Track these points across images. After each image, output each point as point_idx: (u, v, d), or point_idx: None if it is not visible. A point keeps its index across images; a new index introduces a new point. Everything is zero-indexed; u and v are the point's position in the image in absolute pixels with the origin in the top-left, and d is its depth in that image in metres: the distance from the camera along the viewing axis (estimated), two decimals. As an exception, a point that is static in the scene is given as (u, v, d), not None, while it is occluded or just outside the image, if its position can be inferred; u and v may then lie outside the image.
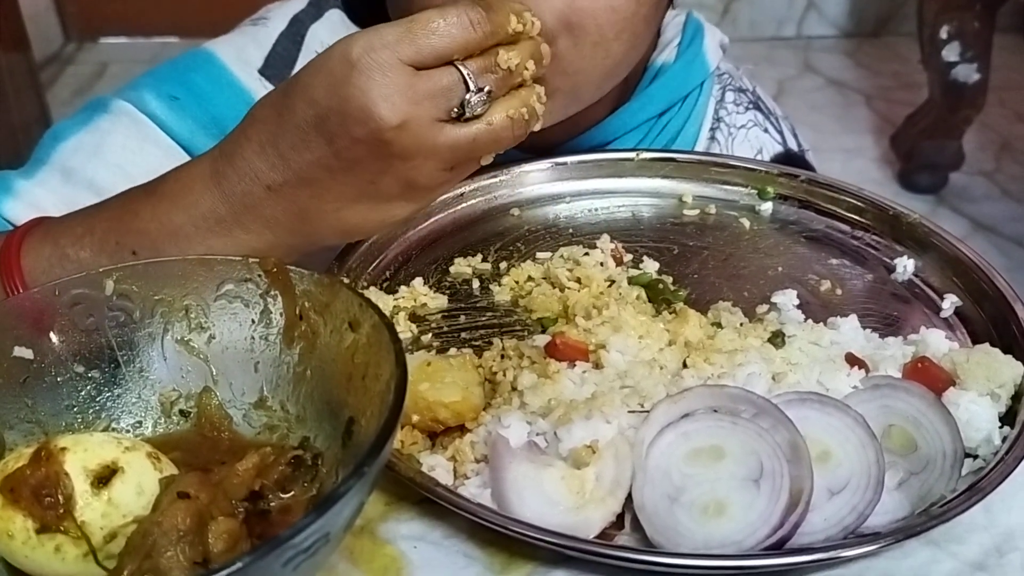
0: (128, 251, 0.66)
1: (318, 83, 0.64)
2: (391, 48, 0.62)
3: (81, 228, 0.69)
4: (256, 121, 0.66)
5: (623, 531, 0.59)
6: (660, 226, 0.86)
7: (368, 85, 0.62)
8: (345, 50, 0.63)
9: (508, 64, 0.66)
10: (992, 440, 0.63)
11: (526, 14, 0.67)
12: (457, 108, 0.65)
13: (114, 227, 0.68)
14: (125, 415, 0.60)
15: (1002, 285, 0.75)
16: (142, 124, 0.86)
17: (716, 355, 0.67)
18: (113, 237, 0.67)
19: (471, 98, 0.65)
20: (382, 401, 0.51)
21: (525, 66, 0.67)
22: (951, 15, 2.77)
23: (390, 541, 0.59)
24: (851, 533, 0.58)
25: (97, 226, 0.68)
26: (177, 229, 0.66)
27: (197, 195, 0.66)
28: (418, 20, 0.63)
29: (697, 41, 0.98)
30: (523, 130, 0.69)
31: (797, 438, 0.58)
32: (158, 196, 0.68)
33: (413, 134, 0.63)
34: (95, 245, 0.67)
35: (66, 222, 0.71)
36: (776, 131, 1.03)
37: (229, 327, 0.60)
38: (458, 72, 0.64)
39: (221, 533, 0.49)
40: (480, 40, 0.64)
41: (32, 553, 0.50)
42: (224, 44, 0.92)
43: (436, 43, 0.63)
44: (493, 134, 0.66)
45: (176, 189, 0.68)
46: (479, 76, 0.65)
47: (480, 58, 0.65)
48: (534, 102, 0.68)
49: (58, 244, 0.68)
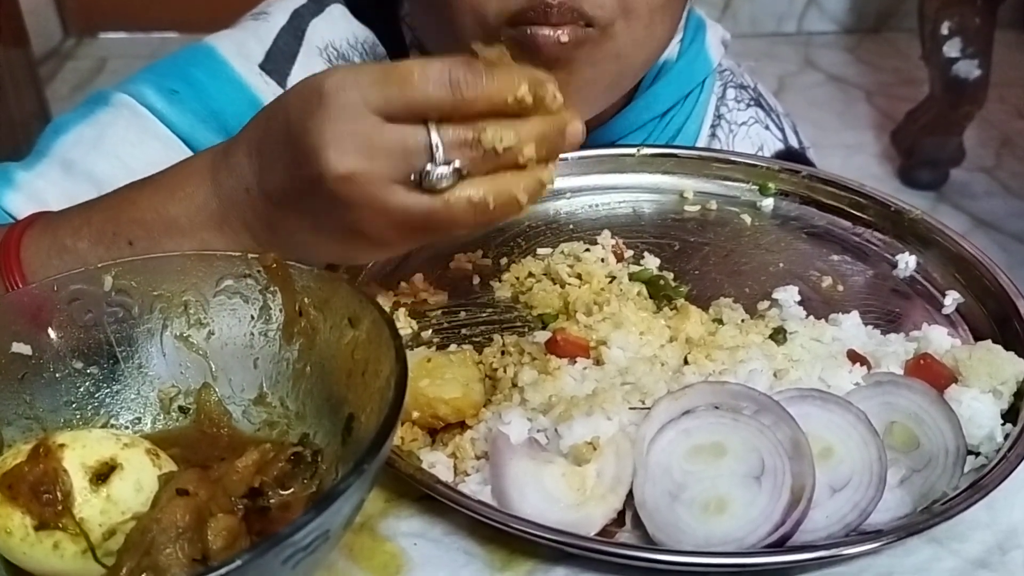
0: (124, 241, 0.66)
1: (293, 105, 0.60)
2: (360, 90, 0.57)
3: (79, 219, 0.69)
4: (254, 122, 0.65)
5: (624, 528, 0.59)
6: (661, 222, 0.86)
7: (324, 126, 0.57)
8: (322, 80, 0.58)
9: (492, 144, 0.57)
10: (994, 437, 0.63)
11: (548, 86, 0.58)
12: (415, 175, 0.57)
13: (111, 217, 0.68)
14: (124, 411, 0.60)
15: (1004, 281, 0.75)
16: (142, 117, 0.85)
17: (717, 352, 0.67)
18: (110, 227, 0.67)
19: (433, 170, 0.57)
20: (382, 398, 0.50)
21: (523, 150, 0.58)
22: (952, 11, 2.76)
23: (390, 538, 0.59)
24: (853, 531, 0.57)
25: (95, 216, 0.68)
26: (172, 220, 0.66)
27: (193, 187, 0.66)
28: (399, 66, 0.57)
29: (699, 38, 0.97)
30: (490, 219, 0.60)
31: (799, 435, 0.58)
32: (156, 186, 0.68)
33: (360, 188, 0.58)
34: (92, 236, 0.67)
35: (65, 214, 0.70)
36: (777, 128, 1.03)
37: (228, 323, 0.60)
38: (427, 136, 0.57)
39: (220, 530, 0.48)
40: (460, 105, 0.57)
41: (31, 550, 0.50)
42: (225, 39, 0.91)
43: (408, 96, 0.56)
44: (449, 215, 0.58)
45: (175, 180, 0.67)
46: (451, 148, 0.57)
47: (461, 127, 0.57)
48: (521, 192, 0.59)
49: (56, 236, 0.68)
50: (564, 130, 0.60)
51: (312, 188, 0.59)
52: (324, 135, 0.57)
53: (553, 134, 0.60)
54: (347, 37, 0.92)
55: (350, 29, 0.92)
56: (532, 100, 0.58)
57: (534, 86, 0.58)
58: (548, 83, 0.58)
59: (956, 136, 2.93)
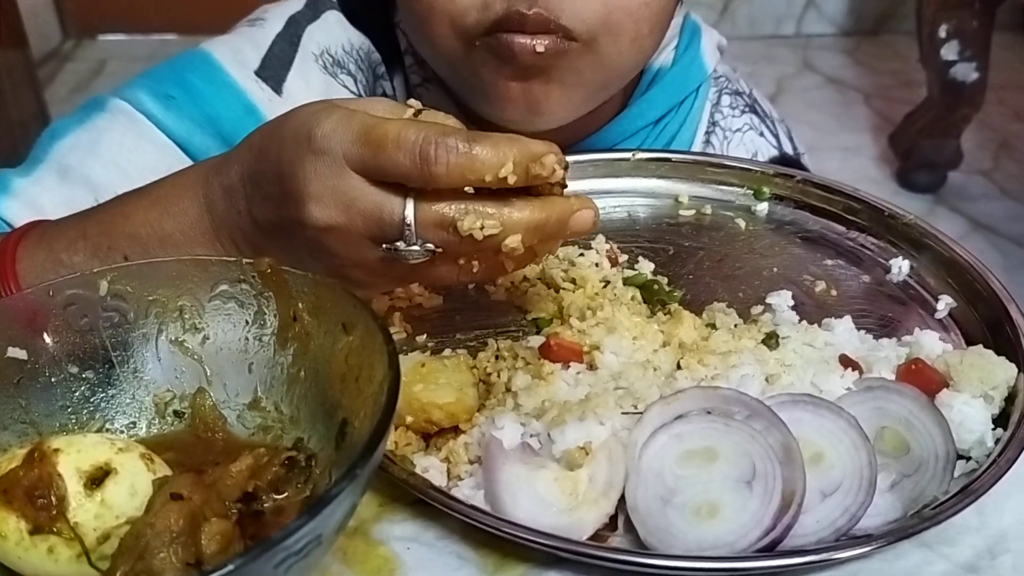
0: (120, 255, 0.67)
1: (287, 143, 0.59)
2: (343, 146, 0.56)
3: (74, 232, 0.69)
4: (248, 143, 0.65)
5: (616, 533, 0.59)
6: (656, 226, 0.86)
7: (309, 177, 0.57)
8: (314, 125, 0.57)
9: (470, 231, 0.54)
10: (985, 442, 0.63)
11: (547, 160, 0.54)
12: (388, 245, 0.56)
13: (106, 231, 0.68)
14: (119, 416, 0.60)
15: (997, 287, 0.75)
16: (138, 122, 0.86)
17: (710, 356, 0.67)
18: (105, 241, 0.67)
19: (403, 248, 0.56)
20: (375, 402, 0.51)
21: (506, 240, 0.55)
22: (950, 13, 2.77)
23: (383, 542, 0.59)
24: (843, 535, 0.58)
25: (90, 230, 0.69)
26: (167, 236, 0.66)
27: (187, 203, 0.66)
28: (378, 128, 0.55)
29: (695, 44, 0.97)
30: (475, 280, 0.58)
31: (790, 440, 0.58)
32: (151, 200, 0.68)
33: (340, 241, 0.58)
34: (88, 249, 0.67)
35: (61, 226, 0.71)
36: (772, 134, 1.03)
37: (223, 328, 0.60)
38: (401, 211, 0.55)
39: (214, 534, 0.49)
40: (428, 180, 0.54)
41: (25, 554, 0.50)
42: (221, 45, 0.92)
43: (380, 161, 0.55)
44: (433, 272, 0.58)
45: (169, 195, 0.68)
46: (424, 228, 0.55)
47: (439, 205, 0.55)
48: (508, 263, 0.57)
49: (52, 249, 0.68)
50: (567, 220, 0.57)
51: (296, 230, 0.60)
52: (309, 186, 0.57)
53: (552, 223, 0.56)
54: (342, 43, 0.92)
55: (345, 35, 0.92)
56: (524, 179, 0.53)
57: (526, 163, 0.54)
58: (547, 157, 0.54)
59: (954, 139, 2.93)
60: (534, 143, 0.55)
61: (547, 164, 0.54)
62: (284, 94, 0.89)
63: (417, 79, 0.92)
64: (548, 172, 0.54)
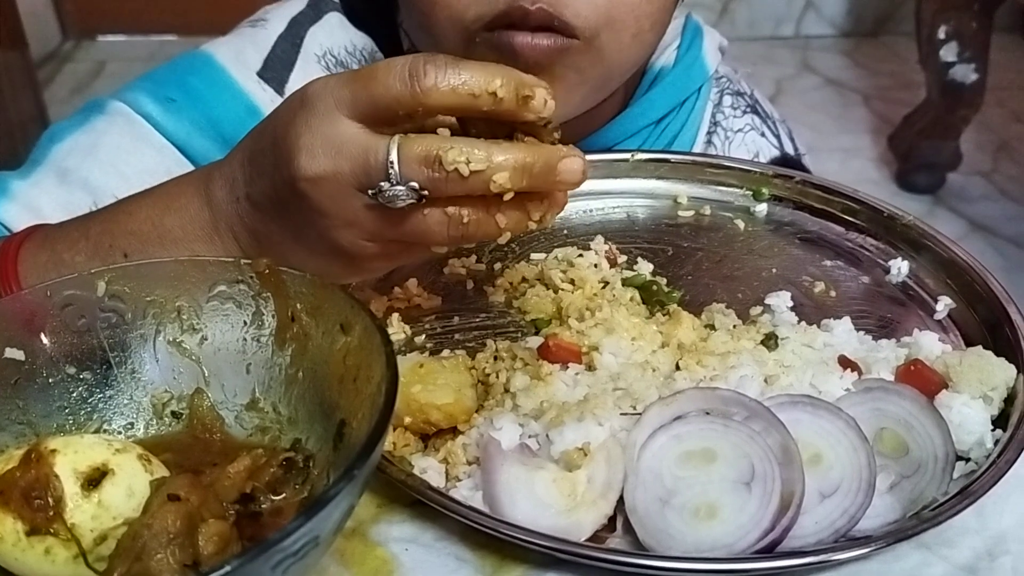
0: (120, 253, 0.66)
1: (281, 113, 0.60)
2: (333, 93, 0.55)
3: (77, 232, 0.69)
4: (250, 133, 0.65)
5: (615, 534, 0.59)
6: (654, 227, 0.86)
7: (300, 130, 0.57)
8: (307, 86, 0.58)
9: (455, 164, 0.52)
10: (984, 443, 0.63)
11: (539, 90, 0.53)
12: (372, 191, 0.55)
13: (108, 229, 0.68)
14: (117, 416, 0.60)
15: (996, 287, 0.75)
16: (137, 125, 0.86)
17: (709, 357, 0.67)
18: (107, 240, 0.67)
19: (387, 189, 0.54)
20: (373, 403, 0.51)
21: (494, 176, 0.53)
22: (949, 15, 2.77)
23: (381, 543, 0.59)
24: (842, 536, 0.58)
25: (92, 229, 0.68)
26: (167, 232, 0.66)
27: (188, 198, 0.66)
28: (369, 66, 0.55)
29: (696, 44, 0.97)
30: (469, 237, 0.56)
31: (789, 441, 0.58)
32: (154, 198, 0.68)
33: (328, 193, 0.57)
34: (89, 249, 0.67)
35: (63, 228, 0.71)
36: (773, 135, 1.03)
37: (221, 328, 0.60)
38: (386, 150, 0.54)
39: (211, 535, 0.48)
40: (418, 97, 0.53)
41: (22, 555, 0.50)
42: (222, 46, 0.91)
43: (370, 91, 0.54)
44: (416, 230, 0.56)
45: (172, 191, 0.68)
46: (408, 165, 0.53)
47: (423, 140, 0.53)
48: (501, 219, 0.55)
49: (55, 250, 0.68)
50: (554, 164, 0.55)
51: (289, 193, 0.59)
52: (300, 138, 0.57)
53: (539, 166, 0.55)
54: (345, 44, 0.92)
55: (348, 37, 0.92)
56: (514, 101, 0.52)
57: (515, 84, 0.53)
58: (538, 87, 0.54)
59: (953, 140, 2.93)
60: (526, 75, 0.54)
61: (539, 97, 0.53)
62: (286, 95, 0.89)
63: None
64: (539, 103, 0.53)
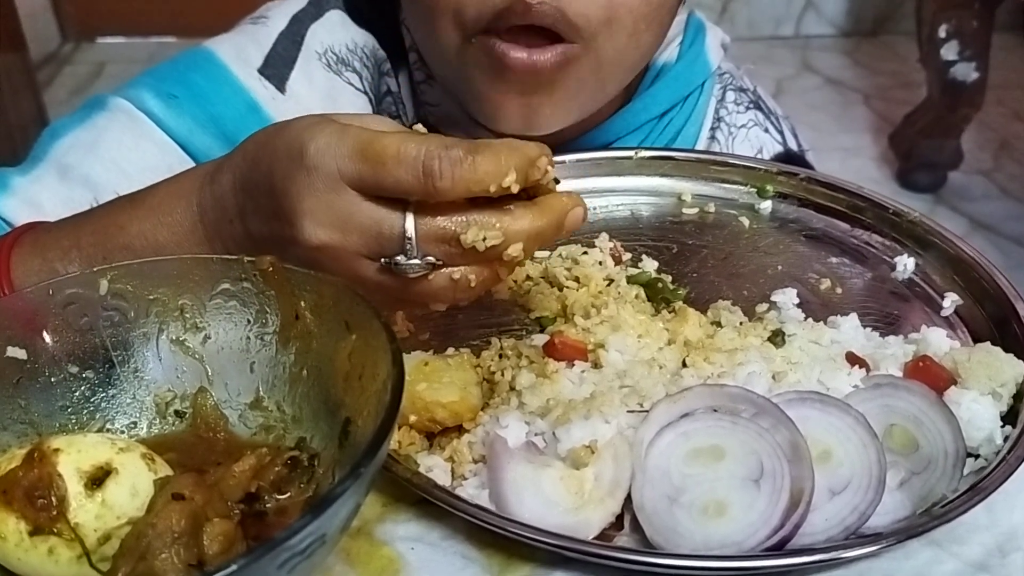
0: None
1: (279, 157, 0.58)
2: (338, 162, 0.55)
3: (68, 241, 0.68)
4: (240, 155, 0.63)
5: (622, 532, 0.58)
6: (659, 225, 0.86)
7: (302, 194, 0.56)
8: (307, 141, 0.56)
9: (473, 243, 0.54)
10: (994, 439, 0.63)
11: (541, 162, 0.54)
12: (386, 260, 0.56)
13: (100, 242, 0.67)
14: (120, 416, 0.59)
15: (1003, 283, 0.75)
16: (139, 121, 0.85)
17: (716, 354, 0.67)
18: (100, 253, 0.67)
19: (403, 262, 0.55)
20: (379, 401, 0.50)
21: (508, 249, 0.55)
22: (949, 14, 2.77)
23: (387, 542, 0.58)
24: (852, 533, 0.57)
25: (84, 240, 0.68)
26: (161, 247, 0.66)
27: (180, 214, 0.66)
28: (376, 142, 0.54)
29: (699, 41, 0.97)
30: (473, 293, 0.58)
31: (798, 438, 0.58)
32: (145, 210, 0.67)
33: (333, 259, 0.57)
34: (82, 260, 0.67)
35: (54, 233, 0.70)
36: (776, 131, 1.03)
37: (225, 327, 0.60)
38: (402, 225, 0.54)
39: (216, 535, 0.48)
40: (433, 195, 0.53)
41: (25, 555, 0.49)
42: (224, 43, 0.91)
43: (380, 177, 0.54)
44: (423, 294, 0.57)
45: (162, 204, 0.67)
46: (426, 242, 0.55)
47: (440, 220, 0.54)
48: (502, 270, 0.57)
49: (46, 258, 0.68)
50: (562, 221, 0.57)
51: (289, 246, 0.58)
52: (302, 203, 0.56)
53: (549, 229, 0.56)
54: (346, 42, 0.92)
55: (348, 34, 0.92)
56: (521, 185, 0.54)
57: (525, 169, 0.54)
58: (540, 160, 0.55)
59: (954, 139, 2.93)
60: (529, 147, 0.55)
61: (541, 167, 0.55)
62: (287, 92, 0.89)
63: (421, 76, 0.91)
64: (542, 175, 0.55)
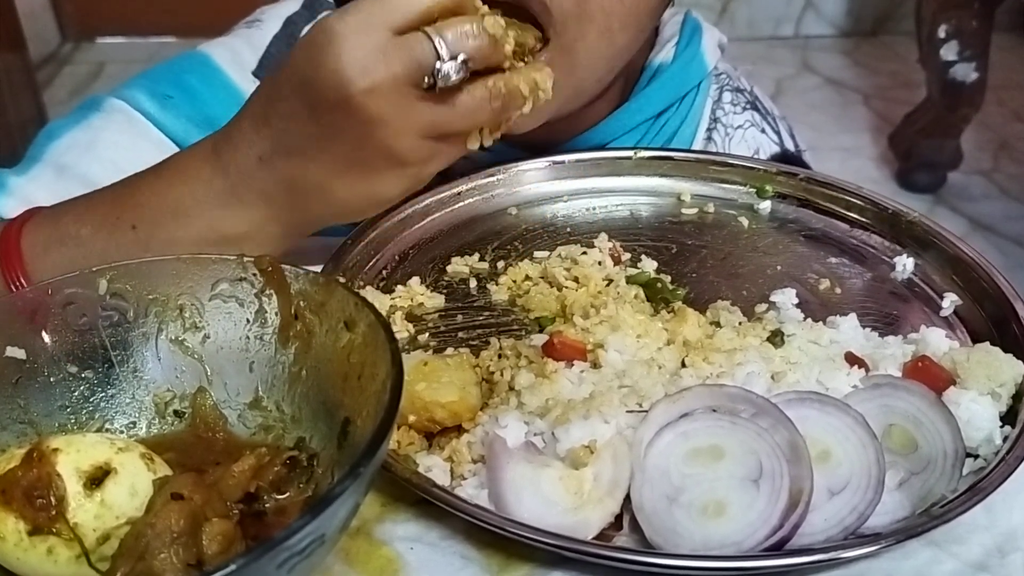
0: (128, 225, 0.67)
1: (301, 54, 0.63)
2: (366, 12, 0.61)
3: (82, 207, 0.70)
4: (253, 96, 0.67)
5: (621, 532, 0.58)
6: (658, 225, 0.86)
7: (341, 50, 0.61)
8: (325, 21, 0.62)
9: (494, 30, 0.63)
10: (993, 440, 0.63)
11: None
12: (429, 77, 0.62)
13: (115, 202, 0.69)
14: (119, 415, 0.59)
15: (1002, 284, 0.75)
16: (135, 120, 0.86)
17: (715, 354, 0.66)
18: (114, 212, 0.68)
19: (443, 67, 0.62)
20: (378, 401, 0.50)
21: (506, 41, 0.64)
22: (949, 14, 2.77)
23: (386, 542, 0.58)
24: (851, 534, 0.57)
25: (97, 203, 0.69)
26: (177, 203, 0.66)
27: (196, 169, 0.67)
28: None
29: (695, 41, 0.97)
30: (506, 108, 0.65)
31: (797, 438, 0.58)
32: (158, 173, 0.69)
33: (385, 99, 0.62)
34: (95, 221, 0.68)
35: (68, 204, 0.72)
36: (773, 131, 1.03)
37: (224, 327, 0.60)
38: (429, 39, 0.62)
39: (215, 535, 0.48)
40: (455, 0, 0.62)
41: (24, 555, 0.49)
42: (219, 46, 0.92)
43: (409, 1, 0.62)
44: (472, 104, 0.64)
45: (177, 165, 0.69)
46: (454, 41, 0.62)
47: (458, 21, 0.62)
48: (523, 85, 0.65)
49: (59, 224, 0.69)
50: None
51: (342, 116, 0.62)
52: (342, 58, 0.61)
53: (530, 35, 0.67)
54: None
55: None
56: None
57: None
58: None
59: (953, 139, 2.93)
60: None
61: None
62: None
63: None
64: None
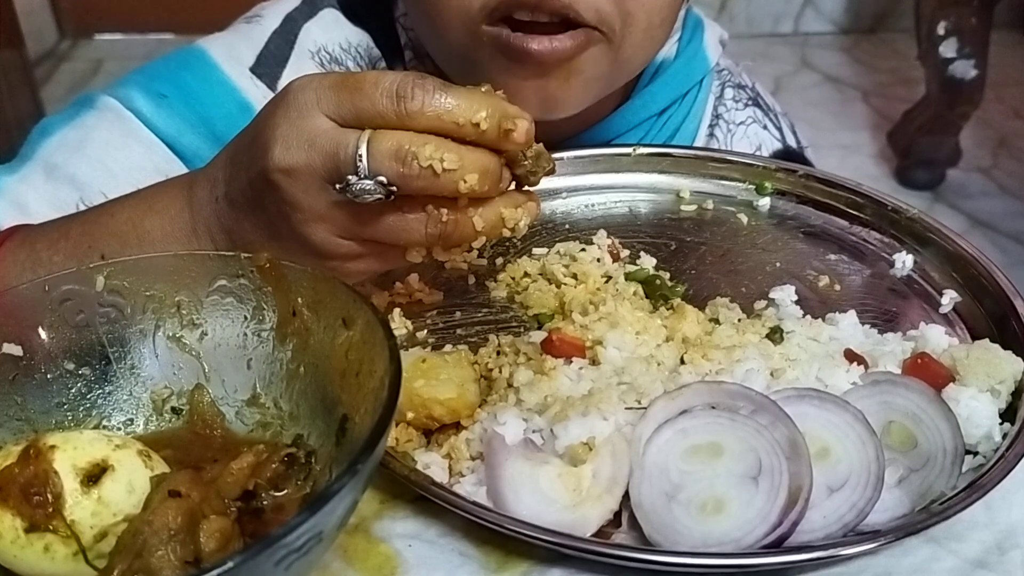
0: (98, 255, 0.66)
1: (267, 106, 0.61)
2: (317, 92, 0.57)
3: (57, 233, 0.69)
4: (236, 135, 0.65)
5: (620, 529, 0.58)
6: (657, 222, 0.86)
7: (278, 123, 0.58)
8: (292, 82, 0.59)
9: (431, 161, 0.54)
10: (992, 437, 0.63)
11: (521, 123, 0.55)
12: (340, 184, 0.56)
13: (89, 230, 0.68)
14: (116, 412, 0.59)
15: (1002, 280, 0.75)
16: (127, 120, 0.85)
17: (714, 351, 0.66)
18: (87, 240, 0.67)
19: (354, 184, 0.55)
20: (376, 398, 0.50)
21: (464, 176, 0.55)
22: (948, 11, 2.77)
23: (385, 540, 0.58)
24: (851, 531, 0.57)
25: (73, 230, 0.69)
26: (146, 233, 0.66)
27: (170, 199, 0.66)
28: (357, 74, 0.57)
29: (697, 37, 0.97)
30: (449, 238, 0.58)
31: (796, 435, 0.58)
32: (137, 199, 0.68)
33: (300, 186, 0.58)
34: (68, 249, 0.67)
35: (44, 228, 0.71)
36: (775, 128, 1.03)
37: (222, 324, 0.60)
38: (356, 141, 0.55)
39: (213, 532, 0.48)
40: (402, 117, 0.54)
41: (21, 552, 0.49)
42: (216, 42, 0.91)
43: (356, 103, 0.56)
44: (400, 224, 0.57)
45: (155, 193, 0.68)
46: (379, 159, 0.55)
47: (396, 137, 0.55)
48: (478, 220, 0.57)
49: (34, 249, 0.68)
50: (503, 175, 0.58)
51: (264, 185, 0.60)
52: (277, 129, 0.58)
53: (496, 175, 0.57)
54: (340, 41, 0.91)
55: (343, 33, 0.92)
56: (495, 132, 0.54)
57: (499, 115, 0.55)
58: (521, 120, 0.55)
59: (952, 136, 2.93)
60: (510, 105, 0.56)
61: (520, 126, 0.55)
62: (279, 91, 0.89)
63: (417, 73, 0.91)
64: (519, 135, 0.55)
